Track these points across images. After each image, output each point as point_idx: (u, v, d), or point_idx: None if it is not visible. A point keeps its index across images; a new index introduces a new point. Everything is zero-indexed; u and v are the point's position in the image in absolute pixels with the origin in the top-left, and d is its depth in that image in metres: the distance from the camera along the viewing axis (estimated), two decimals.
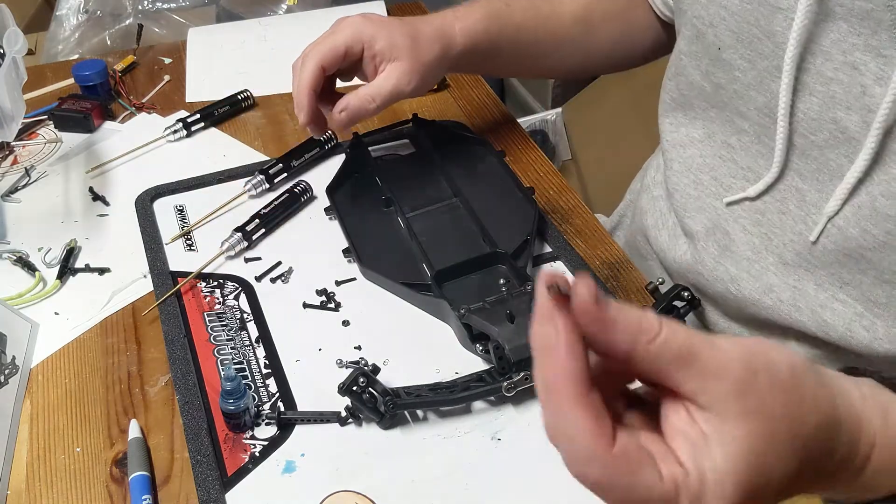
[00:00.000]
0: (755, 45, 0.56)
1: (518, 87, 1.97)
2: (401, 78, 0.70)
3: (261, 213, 0.76)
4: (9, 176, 0.86)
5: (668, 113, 0.68)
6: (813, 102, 0.54)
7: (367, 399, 0.57)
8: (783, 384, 0.33)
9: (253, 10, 1.29)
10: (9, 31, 0.73)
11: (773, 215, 0.60)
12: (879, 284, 0.55)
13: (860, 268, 0.55)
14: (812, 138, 0.55)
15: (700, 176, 0.65)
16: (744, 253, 0.62)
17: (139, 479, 0.55)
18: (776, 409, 0.33)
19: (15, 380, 0.63)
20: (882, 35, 0.48)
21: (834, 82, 0.52)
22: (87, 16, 1.26)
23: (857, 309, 0.57)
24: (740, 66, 0.58)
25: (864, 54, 0.50)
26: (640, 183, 0.86)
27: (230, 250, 0.73)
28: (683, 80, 0.64)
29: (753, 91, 0.58)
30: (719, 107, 0.62)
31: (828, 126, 0.54)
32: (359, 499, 0.54)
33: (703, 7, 0.59)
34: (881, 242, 0.53)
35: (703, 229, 0.66)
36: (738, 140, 0.61)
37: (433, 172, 0.79)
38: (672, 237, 0.72)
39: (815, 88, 0.54)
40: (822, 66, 0.53)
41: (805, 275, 0.59)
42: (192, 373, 0.63)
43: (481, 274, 0.67)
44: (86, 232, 0.78)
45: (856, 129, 0.52)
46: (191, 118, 0.91)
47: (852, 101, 0.52)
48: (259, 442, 0.58)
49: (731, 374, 0.32)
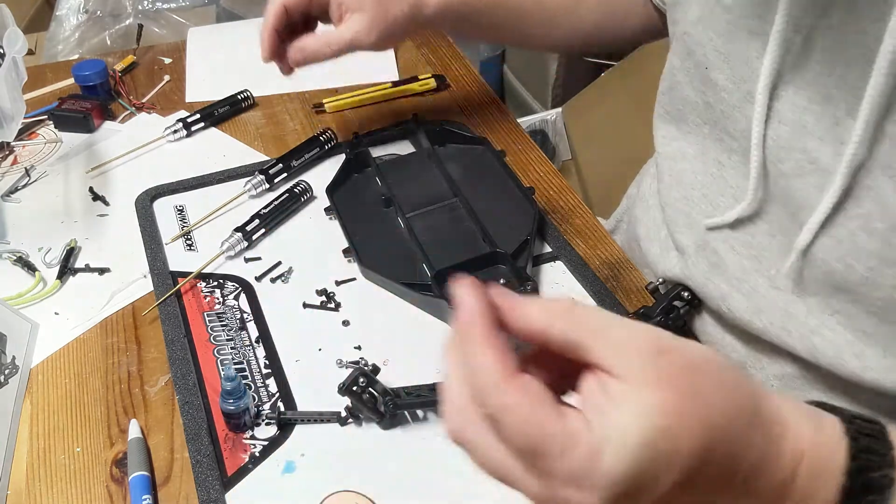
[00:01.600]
0: (737, 69, 0.56)
1: (518, 87, 1.97)
2: (361, 29, 0.71)
3: (261, 213, 0.76)
4: (9, 176, 0.87)
5: (662, 126, 0.67)
6: (783, 131, 0.53)
7: (367, 399, 0.57)
8: (693, 364, 0.34)
9: (253, 10, 1.29)
10: (9, 31, 0.73)
11: (762, 237, 0.59)
12: (868, 315, 0.54)
13: (849, 298, 0.54)
14: (780, 167, 0.54)
15: (690, 192, 0.64)
16: (734, 272, 0.61)
17: (139, 479, 0.55)
18: (684, 386, 0.33)
19: (15, 380, 0.63)
20: (855, 68, 0.48)
21: (807, 112, 0.52)
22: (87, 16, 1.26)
23: (848, 337, 0.56)
24: (725, 87, 0.57)
25: (838, 86, 0.49)
26: (636, 189, 0.85)
27: (230, 250, 0.73)
28: (677, 95, 0.64)
29: (737, 112, 0.57)
30: (711, 124, 0.61)
31: (796, 155, 0.53)
32: (359, 499, 0.54)
33: (691, 25, 0.59)
34: (864, 278, 0.52)
35: (692, 245, 0.65)
36: (729, 158, 0.60)
37: (433, 172, 0.79)
38: (664, 249, 0.71)
39: (787, 117, 0.53)
40: (794, 95, 0.52)
41: (796, 300, 0.58)
42: (192, 373, 0.63)
43: (481, 274, 0.67)
44: (86, 232, 0.78)
45: (827, 161, 0.51)
46: (191, 118, 0.91)
47: (824, 132, 0.51)
48: (259, 442, 0.58)
49: (646, 347, 0.34)
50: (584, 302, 0.68)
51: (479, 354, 0.34)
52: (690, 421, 0.33)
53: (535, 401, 0.33)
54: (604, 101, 1.45)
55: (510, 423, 0.33)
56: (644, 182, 0.80)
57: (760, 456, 0.35)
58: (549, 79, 1.82)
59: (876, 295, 0.52)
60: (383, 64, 1.03)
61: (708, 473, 0.33)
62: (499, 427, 0.34)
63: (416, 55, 1.06)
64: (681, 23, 0.61)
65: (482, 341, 0.34)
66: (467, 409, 0.35)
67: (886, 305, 0.52)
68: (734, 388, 0.35)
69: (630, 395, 0.33)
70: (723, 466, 0.34)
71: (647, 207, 0.77)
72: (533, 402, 0.33)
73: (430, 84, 0.97)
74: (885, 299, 0.52)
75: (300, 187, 0.79)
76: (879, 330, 0.54)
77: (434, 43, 1.09)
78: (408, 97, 0.97)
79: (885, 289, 0.51)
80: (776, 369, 0.63)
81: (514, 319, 0.36)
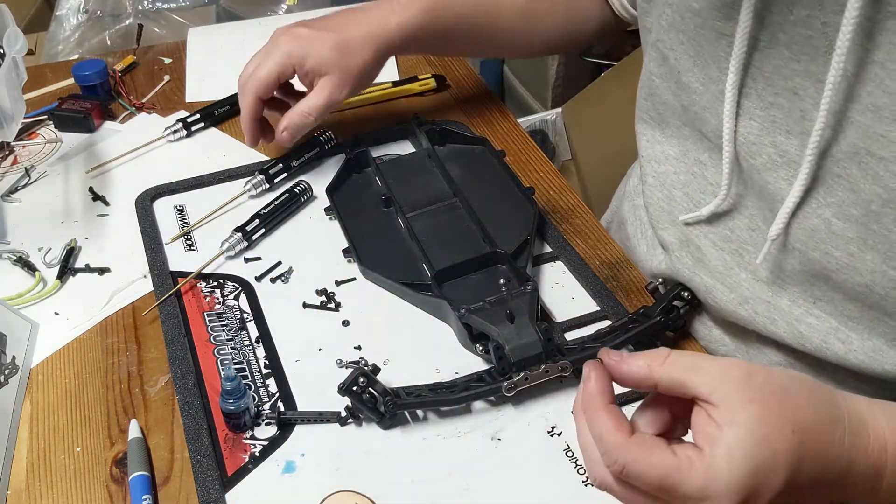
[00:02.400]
0: (707, 70, 0.57)
1: (518, 87, 1.97)
2: (332, 91, 0.76)
3: (261, 213, 0.76)
4: (9, 176, 0.87)
5: (645, 131, 0.68)
6: (753, 126, 0.55)
7: (367, 399, 0.57)
8: (780, 382, 0.42)
9: (253, 10, 1.29)
10: (9, 31, 0.73)
11: (741, 232, 0.60)
12: (851, 301, 0.55)
13: (830, 286, 0.55)
14: (752, 161, 0.55)
15: (673, 192, 0.65)
16: (716, 267, 0.62)
17: (139, 479, 0.55)
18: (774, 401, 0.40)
19: (15, 380, 0.63)
20: (819, 60, 0.49)
21: (774, 107, 0.53)
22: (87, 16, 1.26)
23: (832, 323, 0.57)
24: (696, 90, 0.59)
25: (804, 79, 0.50)
26: (623, 190, 0.86)
27: (230, 250, 0.73)
28: (658, 100, 0.65)
29: (708, 113, 0.59)
30: (690, 125, 0.62)
31: (767, 150, 0.54)
32: (359, 499, 0.54)
33: (664, 31, 0.60)
34: (844, 264, 0.53)
35: (676, 241, 0.66)
36: (709, 157, 0.62)
37: (433, 172, 0.79)
38: (650, 247, 0.72)
39: (756, 113, 0.54)
40: (762, 90, 0.53)
41: (779, 290, 0.59)
42: (192, 373, 0.63)
43: (481, 274, 0.67)
44: (86, 232, 0.78)
45: (796, 153, 0.52)
46: (191, 118, 0.91)
47: (792, 125, 0.52)
48: (259, 442, 0.58)
49: (737, 374, 0.41)
50: (584, 301, 0.68)
51: (599, 424, 0.42)
52: (783, 426, 0.40)
53: (651, 449, 0.41)
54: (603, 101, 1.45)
55: (636, 473, 0.41)
56: (630, 182, 0.81)
57: (849, 449, 0.41)
58: (549, 79, 1.82)
59: (856, 280, 0.53)
60: None
61: (806, 471, 0.40)
62: (628, 478, 0.41)
63: (416, 55, 1.06)
64: (654, 30, 0.62)
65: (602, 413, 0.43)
66: (602, 466, 0.43)
67: (867, 291, 0.53)
68: (817, 397, 0.42)
69: (731, 417, 0.40)
70: (816, 463, 0.40)
71: (634, 207, 0.78)
72: (650, 451, 0.41)
73: (430, 84, 0.97)
74: (866, 284, 0.53)
75: (300, 187, 0.79)
76: (863, 314, 0.55)
77: None
78: (408, 97, 0.97)
79: (866, 274, 0.52)
80: (763, 360, 0.64)
81: (621, 373, 0.44)
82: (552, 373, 0.58)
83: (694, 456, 0.40)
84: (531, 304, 0.61)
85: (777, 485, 0.39)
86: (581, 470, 0.55)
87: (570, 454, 0.56)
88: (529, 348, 0.58)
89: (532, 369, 0.58)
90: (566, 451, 0.56)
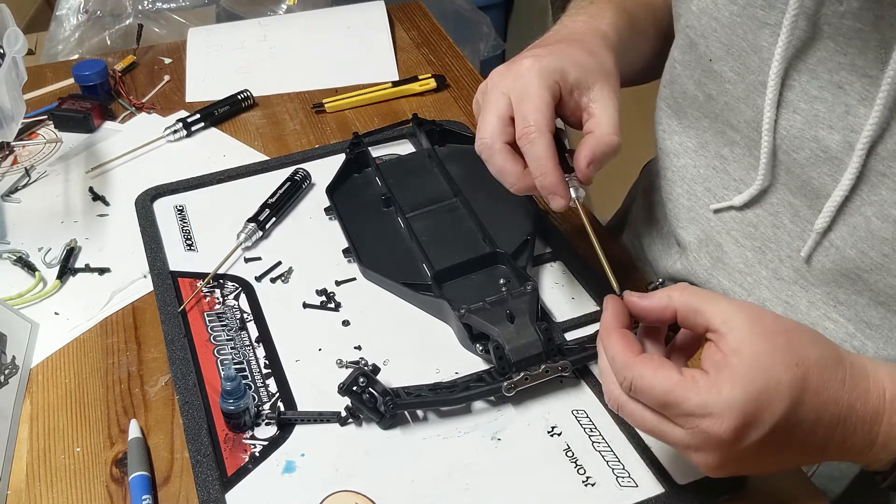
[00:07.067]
0: (744, 59, 0.56)
1: None
2: (613, 97, 0.59)
3: (268, 202, 0.77)
4: (9, 176, 0.87)
5: (663, 120, 0.67)
6: (796, 120, 0.54)
7: (367, 399, 0.57)
8: (787, 322, 0.44)
9: (253, 10, 1.29)
10: (9, 31, 0.73)
11: (766, 229, 0.60)
12: (874, 306, 0.55)
13: (856, 288, 0.55)
14: (794, 156, 0.55)
15: (693, 186, 0.64)
16: (736, 266, 0.62)
17: (139, 479, 0.55)
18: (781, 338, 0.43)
19: (15, 380, 0.63)
20: (869, 55, 0.48)
21: (818, 101, 0.52)
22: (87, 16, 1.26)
23: (849, 329, 0.56)
24: (730, 79, 0.58)
25: (850, 74, 0.50)
26: (638, 188, 0.86)
27: (247, 240, 0.74)
28: (678, 88, 0.64)
29: (742, 104, 0.57)
30: (711, 117, 0.61)
31: (809, 144, 0.53)
32: (359, 499, 0.54)
33: (695, 17, 0.59)
34: (878, 265, 0.53)
35: (695, 240, 0.65)
36: (731, 151, 0.60)
37: (433, 172, 0.79)
38: (665, 246, 0.72)
39: (799, 106, 0.53)
40: (807, 83, 0.52)
41: (799, 291, 0.58)
42: (192, 373, 0.63)
43: (481, 274, 0.67)
44: (86, 232, 0.78)
45: (837, 149, 0.52)
46: (191, 118, 0.91)
47: (835, 120, 0.51)
48: (259, 442, 0.58)
49: (749, 310, 0.44)
50: (584, 301, 0.68)
51: (612, 345, 0.45)
52: (787, 359, 0.42)
53: (657, 366, 0.43)
54: None
55: (642, 388, 0.43)
56: (645, 180, 0.80)
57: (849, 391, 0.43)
58: None
59: (887, 282, 0.53)
60: (383, 64, 1.03)
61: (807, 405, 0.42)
62: (636, 394, 0.44)
63: (416, 55, 1.06)
64: (684, 16, 0.61)
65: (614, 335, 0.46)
66: (616, 385, 0.45)
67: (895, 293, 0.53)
68: (822, 342, 0.44)
69: (737, 347, 0.42)
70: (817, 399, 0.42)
71: (649, 205, 0.77)
72: (656, 368, 0.43)
73: (430, 84, 0.97)
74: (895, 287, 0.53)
75: (299, 175, 0.80)
76: (884, 321, 0.54)
77: (434, 43, 1.09)
78: (408, 97, 0.97)
79: None
80: None
81: (641, 308, 0.47)
82: (552, 373, 0.58)
83: (699, 375, 0.42)
84: (531, 304, 0.61)
85: (778, 412, 0.41)
86: (581, 470, 0.55)
87: (570, 454, 0.56)
88: (529, 348, 0.58)
89: (532, 369, 0.58)
90: (566, 451, 0.56)
